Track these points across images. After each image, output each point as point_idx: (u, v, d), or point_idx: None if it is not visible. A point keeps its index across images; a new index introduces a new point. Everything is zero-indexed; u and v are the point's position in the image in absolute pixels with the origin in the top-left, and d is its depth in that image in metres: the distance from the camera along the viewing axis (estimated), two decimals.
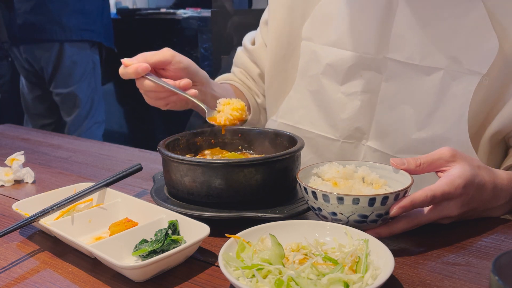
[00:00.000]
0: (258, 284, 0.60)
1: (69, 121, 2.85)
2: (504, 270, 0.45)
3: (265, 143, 0.99)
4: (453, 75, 0.92)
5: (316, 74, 1.08)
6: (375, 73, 1.01)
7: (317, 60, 1.08)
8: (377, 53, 1.00)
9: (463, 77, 0.91)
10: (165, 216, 0.78)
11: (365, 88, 1.03)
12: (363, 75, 1.02)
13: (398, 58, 0.97)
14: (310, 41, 1.09)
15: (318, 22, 1.08)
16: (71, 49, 2.73)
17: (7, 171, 1.09)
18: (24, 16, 2.65)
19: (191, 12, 3.36)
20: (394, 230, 0.75)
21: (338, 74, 1.05)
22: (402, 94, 0.99)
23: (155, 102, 1.03)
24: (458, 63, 0.91)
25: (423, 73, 0.95)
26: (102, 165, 1.21)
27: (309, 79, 1.10)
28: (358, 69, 1.03)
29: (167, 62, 0.99)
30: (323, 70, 1.07)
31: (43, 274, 0.71)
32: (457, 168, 0.76)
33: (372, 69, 1.02)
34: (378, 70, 1.01)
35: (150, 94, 1.00)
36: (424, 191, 0.73)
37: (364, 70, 1.02)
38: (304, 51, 1.11)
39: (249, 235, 0.69)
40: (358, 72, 1.03)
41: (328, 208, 0.73)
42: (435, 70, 0.93)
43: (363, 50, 1.01)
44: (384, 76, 1.00)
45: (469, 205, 0.78)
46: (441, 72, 0.93)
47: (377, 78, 1.01)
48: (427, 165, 0.78)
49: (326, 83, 1.07)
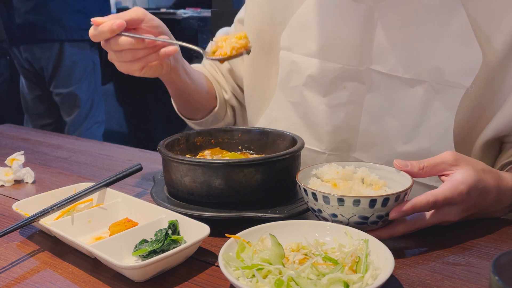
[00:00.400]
0: (258, 284, 0.60)
1: (69, 121, 2.84)
2: (504, 270, 0.45)
3: (265, 143, 0.99)
4: (437, 88, 0.90)
5: (297, 86, 1.05)
6: (359, 84, 0.99)
7: (298, 71, 1.04)
8: (360, 64, 0.98)
9: (447, 90, 0.89)
10: (165, 216, 0.78)
11: (349, 99, 1.01)
12: (346, 86, 1.00)
13: (381, 70, 0.95)
14: (289, 51, 1.06)
15: (297, 31, 1.04)
16: (71, 49, 2.73)
17: (7, 171, 1.09)
18: (25, 16, 2.65)
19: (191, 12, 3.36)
20: (394, 232, 0.75)
21: (320, 85, 1.02)
22: (386, 106, 0.97)
23: (130, 65, 0.94)
24: (442, 75, 0.89)
25: (407, 85, 0.93)
26: (102, 165, 1.21)
27: (290, 91, 1.07)
28: (341, 80, 1.00)
29: (139, 20, 0.93)
30: (305, 81, 1.04)
31: (43, 274, 0.71)
32: (460, 173, 0.75)
33: (355, 80, 0.99)
34: (362, 81, 0.99)
35: (126, 54, 0.91)
36: (426, 196, 0.72)
37: (347, 81, 1.00)
38: (284, 61, 1.07)
39: (249, 235, 0.69)
40: (341, 84, 1.00)
41: (329, 210, 0.73)
42: (418, 83, 0.92)
43: (346, 61, 0.99)
44: (368, 87, 0.98)
45: (471, 210, 0.78)
46: (425, 84, 0.91)
47: (361, 90, 0.99)
48: (430, 169, 0.77)
49: (308, 95, 1.04)
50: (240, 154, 0.98)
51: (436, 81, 0.90)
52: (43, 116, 2.94)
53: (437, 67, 0.89)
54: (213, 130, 1.02)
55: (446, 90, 0.89)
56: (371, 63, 0.97)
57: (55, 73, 2.75)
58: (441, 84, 0.90)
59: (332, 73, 1.00)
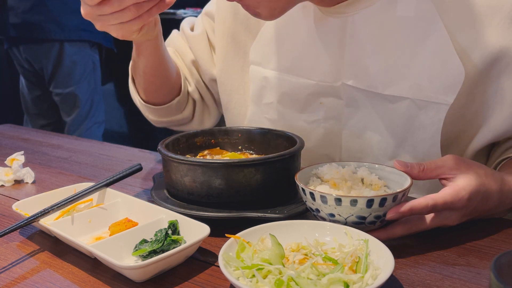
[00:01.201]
0: (258, 284, 0.60)
1: (68, 121, 2.84)
2: (504, 270, 0.45)
3: (265, 143, 0.99)
4: (420, 104, 0.87)
5: (272, 103, 1.02)
6: (336, 100, 0.95)
7: (271, 88, 1.01)
8: (335, 80, 0.93)
9: (430, 106, 0.86)
10: (165, 216, 0.78)
11: (327, 115, 0.97)
12: (323, 102, 0.96)
13: (358, 86, 0.91)
14: (260, 65, 1.02)
15: (266, 45, 1.00)
16: (71, 49, 2.73)
17: (7, 171, 1.09)
18: (22, 15, 2.64)
19: (191, 12, 3.36)
20: (392, 234, 0.75)
21: (296, 102, 0.99)
22: (366, 120, 0.94)
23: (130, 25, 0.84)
24: (423, 91, 0.85)
25: (388, 101, 0.90)
26: (102, 165, 1.21)
27: (265, 107, 1.04)
28: (316, 96, 0.96)
29: None
30: (279, 98, 1.00)
31: (43, 274, 0.71)
32: (462, 179, 0.74)
33: (331, 96, 0.95)
34: (338, 97, 0.95)
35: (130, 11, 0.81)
36: (426, 199, 0.72)
37: (323, 97, 0.96)
38: (254, 76, 1.03)
39: (249, 235, 0.69)
40: (317, 100, 0.96)
41: (326, 210, 0.73)
42: (400, 99, 0.88)
43: (319, 78, 0.95)
44: (346, 101, 0.94)
45: (470, 215, 0.77)
46: (407, 101, 0.87)
47: (339, 104, 0.95)
48: (430, 171, 0.77)
49: (285, 112, 1.01)
50: (240, 154, 0.98)
51: (418, 97, 0.87)
52: (42, 116, 2.94)
53: (418, 83, 0.86)
54: (213, 130, 1.02)
55: (429, 105, 0.86)
56: (347, 79, 0.92)
57: (55, 73, 2.75)
58: (424, 100, 0.86)
59: (307, 89, 0.97)
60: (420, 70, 0.86)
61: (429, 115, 0.87)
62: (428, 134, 0.88)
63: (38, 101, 2.90)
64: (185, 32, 1.19)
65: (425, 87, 0.86)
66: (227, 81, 1.12)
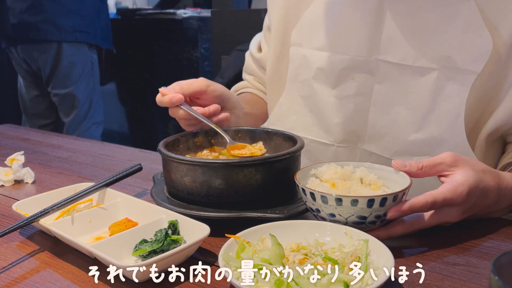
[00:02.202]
0: (258, 284, 0.60)
1: (67, 121, 2.84)
2: (504, 270, 0.45)
3: (266, 143, 0.99)
4: (448, 75, 0.90)
5: (307, 79, 1.07)
6: (368, 75, 1.00)
7: (308, 65, 1.06)
8: (368, 55, 0.98)
9: (458, 77, 0.89)
10: (165, 216, 0.78)
11: (358, 91, 1.01)
12: (355, 78, 1.01)
13: (391, 60, 0.96)
14: (299, 46, 1.08)
15: (307, 27, 1.06)
16: (69, 50, 2.72)
17: (7, 171, 1.09)
18: (19, 16, 2.64)
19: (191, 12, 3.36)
20: (393, 233, 0.75)
21: (329, 78, 1.03)
22: (396, 96, 0.98)
23: (187, 127, 1.03)
24: (452, 62, 0.90)
25: (417, 74, 0.94)
26: (102, 165, 1.21)
27: (299, 85, 1.09)
28: (349, 72, 1.01)
29: (202, 92, 0.99)
30: (314, 74, 1.05)
31: (43, 274, 0.71)
32: (460, 174, 0.75)
33: (364, 72, 1.00)
34: (371, 72, 0.99)
35: (182, 122, 1.01)
36: (425, 196, 0.72)
37: (356, 73, 1.01)
38: (294, 56, 1.09)
39: (249, 235, 0.69)
40: (350, 75, 1.01)
41: (327, 210, 0.73)
42: (429, 71, 0.92)
43: (354, 52, 1.00)
44: (377, 78, 0.99)
45: (471, 211, 0.77)
46: (435, 72, 0.92)
47: (370, 81, 1.00)
48: (429, 169, 0.77)
49: (317, 88, 1.06)
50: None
51: (446, 68, 0.90)
52: (41, 117, 2.93)
53: (447, 54, 0.90)
54: (213, 130, 1.02)
55: (456, 77, 0.89)
56: (380, 53, 0.97)
57: (53, 73, 2.74)
58: (452, 71, 0.90)
59: (341, 64, 1.01)
60: (450, 42, 0.89)
61: (455, 86, 0.90)
62: (454, 104, 0.90)
63: (36, 102, 2.89)
64: (254, 56, 1.28)
65: (454, 58, 0.89)
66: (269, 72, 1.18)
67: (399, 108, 0.97)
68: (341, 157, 1.07)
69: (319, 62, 1.04)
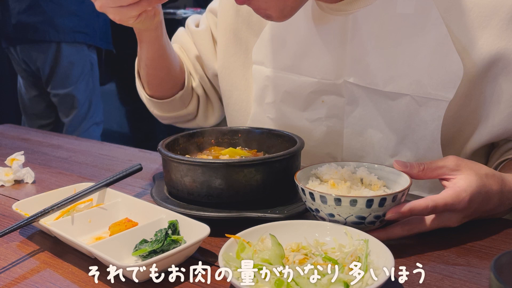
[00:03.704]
0: (258, 284, 0.60)
1: (67, 122, 2.83)
2: (504, 270, 0.45)
3: (265, 143, 0.99)
4: (419, 100, 0.87)
5: (274, 102, 1.02)
6: (337, 97, 0.96)
7: (273, 87, 1.01)
8: (336, 78, 0.94)
9: (430, 102, 0.86)
10: (165, 216, 0.78)
11: (328, 113, 0.97)
12: (325, 100, 0.97)
13: (360, 83, 0.92)
14: (262, 65, 1.03)
15: (268, 45, 1.01)
16: (68, 50, 2.72)
17: (7, 171, 1.09)
18: (18, 16, 2.64)
19: (191, 12, 3.36)
20: (392, 235, 0.75)
21: (298, 100, 0.99)
22: (368, 118, 0.94)
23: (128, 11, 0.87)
24: (423, 87, 0.86)
25: (388, 98, 0.91)
26: (102, 165, 1.21)
27: (267, 107, 1.04)
28: (318, 94, 0.97)
29: None
30: (282, 97, 1.01)
31: (43, 274, 0.71)
32: (462, 180, 0.74)
33: (333, 94, 0.96)
34: (340, 94, 0.95)
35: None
36: (426, 200, 0.72)
37: (325, 95, 0.96)
38: (257, 76, 1.04)
39: (249, 235, 0.69)
40: (319, 98, 0.97)
41: (326, 210, 0.73)
42: (400, 96, 0.89)
43: (321, 75, 0.95)
44: (347, 99, 0.95)
45: (471, 216, 0.77)
46: (407, 97, 0.88)
47: (340, 102, 0.96)
48: (430, 171, 0.76)
49: (287, 110, 1.01)
50: (238, 150, 0.98)
51: (418, 94, 0.87)
52: (40, 117, 2.93)
53: (417, 79, 0.87)
54: (213, 130, 1.02)
55: (429, 102, 0.87)
56: (348, 76, 0.93)
57: (52, 74, 2.74)
58: (423, 97, 0.87)
59: (309, 87, 0.97)
60: (420, 66, 0.86)
61: (429, 112, 0.87)
62: (429, 130, 0.88)
63: (36, 102, 2.89)
64: (189, 28, 1.21)
65: (424, 84, 0.86)
66: (228, 77, 1.13)
67: (372, 131, 0.95)
68: None
69: (286, 85, 1.00)
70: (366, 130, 0.96)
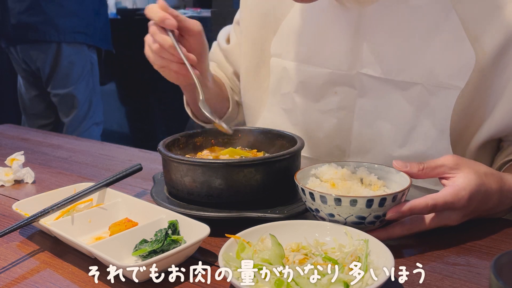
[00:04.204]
0: (258, 284, 0.60)
1: (67, 122, 2.83)
2: (504, 270, 0.45)
3: (265, 143, 0.99)
4: (431, 89, 0.89)
5: (289, 93, 1.05)
6: (350, 89, 0.97)
7: (289, 78, 1.04)
8: (349, 69, 0.96)
9: (442, 91, 0.88)
10: (165, 216, 0.78)
11: (340, 105, 0.99)
12: (337, 91, 0.99)
13: (372, 74, 0.94)
14: (280, 57, 1.06)
15: (286, 38, 1.04)
16: (68, 50, 2.72)
17: (7, 171, 1.09)
18: (18, 16, 2.64)
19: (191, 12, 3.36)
20: (392, 234, 0.75)
21: (311, 91, 1.02)
22: (379, 110, 0.96)
23: (154, 56, 0.96)
24: (435, 76, 0.88)
25: (400, 88, 0.92)
26: (102, 165, 1.21)
27: (281, 97, 1.07)
28: (331, 85, 0.99)
29: (193, 32, 0.96)
30: (296, 88, 1.03)
31: (43, 274, 0.71)
32: (462, 178, 0.74)
33: (346, 85, 0.98)
34: (352, 86, 0.97)
35: (156, 47, 0.94)
36: (426, 199, 0.72)
37: (338, 86, 0.98)
38: (274, 68, 1.07)
39: (249, 235, 0.69)
40: (332, 89, 0.99)
41: (326, 210, 0.73)
42: (411, 85, 0.90)
43: (335, 66, 0.97)
44: (359, 92, 0.97)
45: (471, 215, 0.77)
46: (418, 86, 0.90)
47: (352, 94, 0.97)
48: (430, 170, 0.77)
49: (300, 101, 1.04)
50: (238, 150, 0.98)
51: (429, 83, 0.88)
52: (40, 117, 2.93)
53: (430, 68, 0.88)
54: (213, 130, 1.02)
55: (440, 91, 0.88)
56: (362, 67, 0.95)
57: (52, 73, 2.74)
58: (435, 86, 0.88)
59: (322, 78, 0.99)
60: (433, 56, 0.88)
61: (439, 101, 0.88)
62: (438, 120, 0.89)
63: (36, 102, 2.89)
64: (221, 46, 1.25)
65: (436, 73, 0.88)
66: (244, 76, 1.16)
67: (382, 122, 0.96)
68: None
69: (301, 76, 1.02)
70: (375, 122, 0.97)
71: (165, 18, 0.91)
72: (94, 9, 2.79)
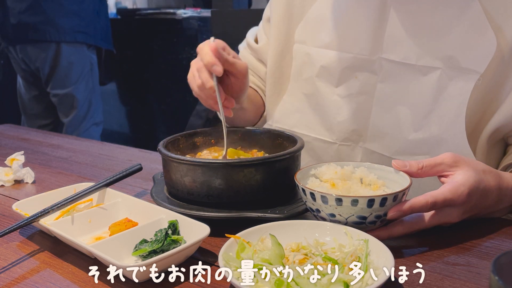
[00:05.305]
0: (258, 284, 0.60)
1: (66, 122, 2.83)
2: (504, 270, 0.45)
3: (265, 143, 0.99)
4: (450, 74, 0.90)
5: (310, 77, 1.07)
6: (370, 74, 1.00)
7: (311, 63, 1.07)
8: (371, 54, 0.99)
9: (460, 77, 0.89)
10: (165, 216, 0.78)
11: (360, 89, 1.02)
12: (358, 76, 1.01)
13: (394, 58, 0.96)
14: (303, 44, 1.08)
15: (312, 25, 1.07)
16: (68, 50, 2.72)
17: (7, 171, 1.09)
18: (18, 16, 2.64)
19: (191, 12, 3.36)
20: (393, 233, 0.75)
21: (332, 76, 1.04)
22: (398, 95, 0.98)
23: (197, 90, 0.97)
24: (455, 62, 0.89)
25: (420, 73, 0.94)
26: (102, 165, 1.21)
27: (303, 82, 1.09)
28: (352, 70, 1.02)
29: (239, 75, 0.97)
30: (318, 72, 1.06)
31: (43, 274, 0.71)
32: (460, 175, 0.75)
33: (367, 70, 1.00)
34: (373, 71, 1.00)
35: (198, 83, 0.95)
36: (425, 196, 0.72)
37: (359, 71, 1.01)
38: (297, 54, 1.10)
39: (249, 235, 0.69)
40: (353, 74, 1.02)
41: (327, 210, 0.73)
42: (431, 70, 0.92)
43: (357, 51, 1.00)
44: (380, 77, 0.99)
45: (471, 211, 0.78)
46: (438, 71, 0.92)
47: (372, 79, 1.00)
48: (429, 169, 0.77)
49: (321, 86, 1.06)
50: (238, 150, 0.98)
51: (449, 68, 0.90)
52: (40, 117, 2.93)
53: (450, 54, 0.90)
54: (213, 130, 1.02)
55: (459, 76, 0.89)
56: (383, 52, 0.97)
57: (52, 74, 2.74)
58: (455, 71, 0.90)
59: (344, 63, 1.02)
60: (454, 41, 0.89)
61: (458, 86, 0.90)
62: (455, 105, 0.90)
63: (36, 102, 2.89)
64: (251, 47, 1.25)
65: (457, 58, 0.89)
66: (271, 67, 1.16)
67: (401, 107, 0.98)
68: (343, 156, 1.07)
69: (323, 60, 1.04)
70: (394, 107, 0.98)
71: (212, 64, 0.91)
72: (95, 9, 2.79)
